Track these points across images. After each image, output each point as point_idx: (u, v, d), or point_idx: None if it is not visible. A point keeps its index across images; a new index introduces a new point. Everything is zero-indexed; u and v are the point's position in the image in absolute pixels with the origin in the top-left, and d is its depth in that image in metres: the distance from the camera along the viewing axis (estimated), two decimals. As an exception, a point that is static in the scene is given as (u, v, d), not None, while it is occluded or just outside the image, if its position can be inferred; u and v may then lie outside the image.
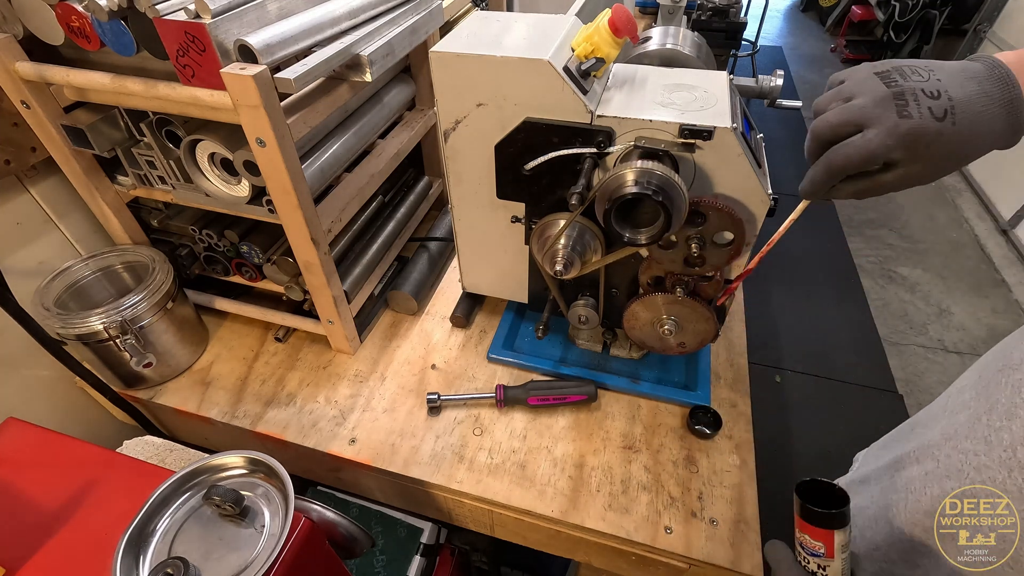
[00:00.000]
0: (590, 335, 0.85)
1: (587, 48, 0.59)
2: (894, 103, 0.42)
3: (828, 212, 2.78)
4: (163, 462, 0.64)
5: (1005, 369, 0.47)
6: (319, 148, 0.76)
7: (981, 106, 0.41)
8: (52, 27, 0.59)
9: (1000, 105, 0.41)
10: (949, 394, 0.57)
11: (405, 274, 0.94)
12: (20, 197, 0.78)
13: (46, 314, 0.72)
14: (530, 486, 0.70)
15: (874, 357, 2.07)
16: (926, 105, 0.41)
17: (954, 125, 0.40)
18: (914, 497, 0.52)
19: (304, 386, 0.83)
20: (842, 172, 0.44)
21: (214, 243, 0.81)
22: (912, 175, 0.43)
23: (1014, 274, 2.38)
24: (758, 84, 0.83)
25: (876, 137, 0.42)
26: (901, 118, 0.41)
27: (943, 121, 0.40)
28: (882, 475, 0.60)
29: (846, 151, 0.43)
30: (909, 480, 0.54)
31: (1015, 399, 0.44)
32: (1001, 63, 0.42)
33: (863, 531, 0.59)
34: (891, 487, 0.57)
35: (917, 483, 0.53)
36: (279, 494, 0.43)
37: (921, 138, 0.41)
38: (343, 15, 0.66)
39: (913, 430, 0.61)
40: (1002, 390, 0.46)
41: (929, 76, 0.42)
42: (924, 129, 0.40)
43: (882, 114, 0.42)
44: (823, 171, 0.45)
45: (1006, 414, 0.44)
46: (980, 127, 0.41)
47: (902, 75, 0.43)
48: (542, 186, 0.66)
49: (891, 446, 0.64)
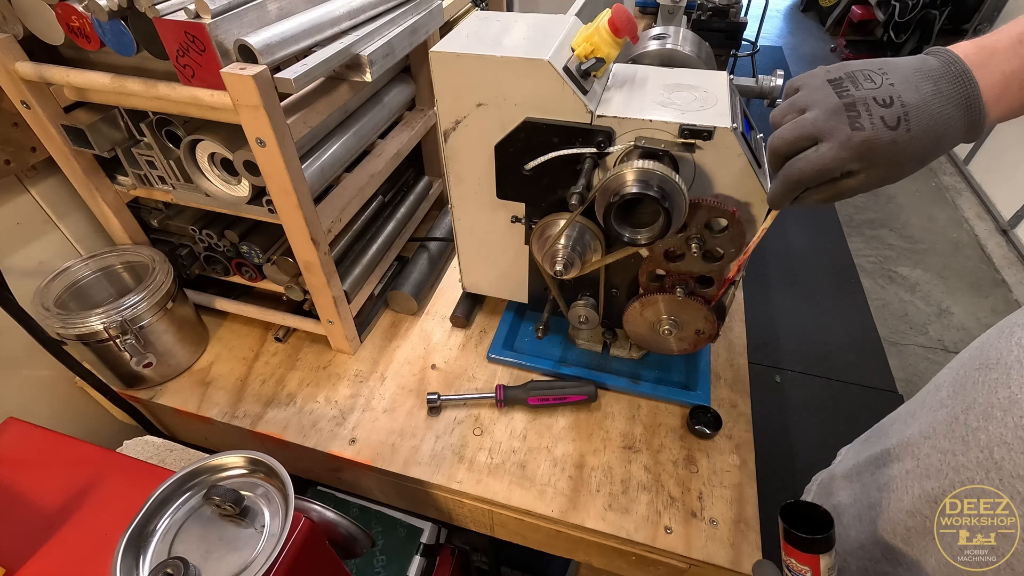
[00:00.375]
0: (590, 335, 0.85)
1: (587, 48, 0.59)
2: (846, 115, 0.42)
3: (828, 212, 2.78)
4: (163, 462, 0.64)
5: (982, 368, 0.47)
6: (319, 148, 0.76)
7: (937, 107, 0.41)
8: (52, 27, 0.59)
9: (956, 105, 0.41)
10: (927, 390, 0.57)
11: (405, 274, 0.94)
12: (20, 197, 0.78)
13: (46, 314, 0.72)
14: (530, 486, 0.70)
15: (874, 357, 2.07)
16: (878, 115, 0.41)
17: (908, 132, 0.40)
18: (896, 496, 0.53)
19: (304, 386, 0.83)
20: (800, 185, 0.45)
21: (214, 243, 0.81)
22: (873, 179, 0.43)
23: (1014, 274, 2.38)
24: (758, 84, 0.83)
25: (829, 151, 0.42)
26: (853, 130, 0.41)
27: (896, 129, 0.40)
28: (863, 471, 0.61)
29: (800, 166, 0.44)
30: (890, 478, 0.54)
31: (991, 399, 0.44)
32: (958, 58, 0.41)
33: (847, 529, 0.59)
34: (873, 484, 0.57)
35: (898, 482, 0.53)
36: (279, 494, 0.43)
37: (875, 148, 0.41)
38: (343, 15, 0.66)
39: (893, 425, 0.61)
40: (979, 390, 0.46)
41: (882, 81, 0.42)
42: (876, 139, 0.40)
43: (835, 126, 0.42)
44: (782, 184, 0.46)
45: (983, 415, 0.45)
46: (936, 129, 0.41)
47: (854, 83, 0.43)
48: (542, 186, 0.67)
49: (871, 441, 0.64)
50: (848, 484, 0.63)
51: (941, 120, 0.41)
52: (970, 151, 2.92)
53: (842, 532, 0.60)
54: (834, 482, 0.67)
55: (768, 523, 0.66)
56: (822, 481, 0.71)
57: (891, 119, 0.40)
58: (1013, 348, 0.44)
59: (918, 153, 0.41)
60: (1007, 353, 0.45)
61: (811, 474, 0.76)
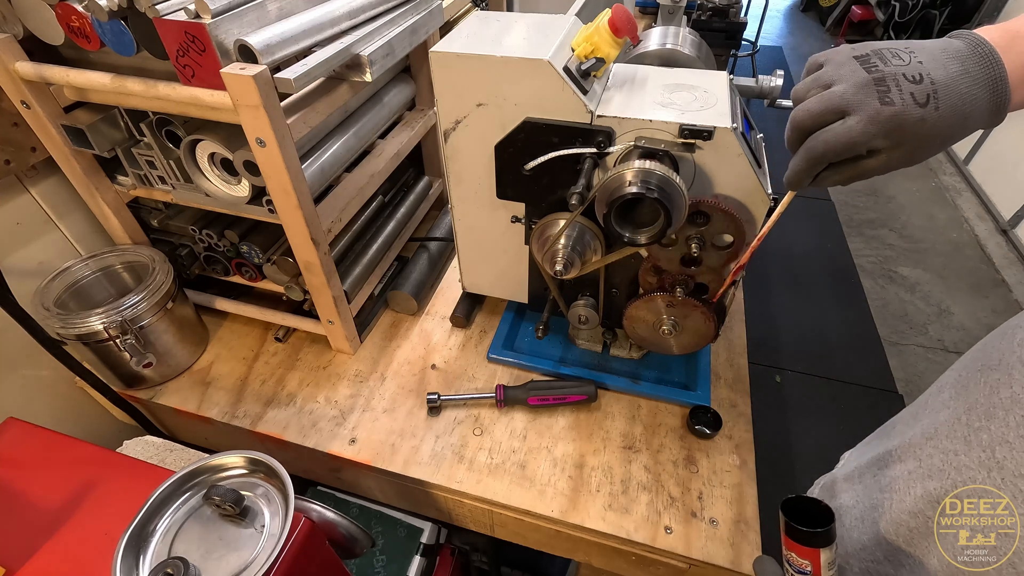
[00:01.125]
0: (590, 335, 0.85)
1: (587, 48, 0.59)
2: (875, 89, 0.40)
3: (828, 212, 2.78)
4: (163, 462, 0.64)
5: (984, 369, 0.47)
6: (319, 148, 0.76)
7: (965, 87, 0.40)
8: (52, 27, 0.59)
9: (983, 86, 0.40)
10: (930, 392, 0.57)
11: (405, 274, 0.94)
12: (20, 197, 0.78)
13: (46, 314, 0.72)
14: (530, 486, 0.70)
15: (874, 357, 2.07)
16: (908, 91, 0.40)
17: (937, 110, 0.39)
18: (898, 497, 0.53)
19: (304, 386, 0.83)
20: (823, 160, 0.43)
21: (214, 243, 0.81)
22: (895, 159, 0.42)
23: (1014, 274, 2.38)
24: (758, 84, 0.83)
25: (858, 124, 0.41)
26: (883, 105, 0.40)
27: (926, 107, 0.39)
28: (865, 472, 0.60)
29: (826, 138, 0.42)
30: (892, 479, 0.54)
31: (993, 399, 0.44)
32: (984, 40, 0.41)
33: (849, 531, 0.59)
34: (875, 485, 0.57)
35: (900, 482, 0.53)
36: (279, 494, 0.43)
37: (903, 124, 0.40)
38: (343, 15, 0.66)
39: (895, 427, 0.61)
40: (981, 390, 0.46)
41: (910, 59, 0.41)
42: (907, 115, 0.40)
43: (863, 100, 0.41)
44: (804, 159, 0.45)
45: (985, 414, 0.44)
46: (964, 109, 0.40)
47: (882, 59, 0.42)
48: (542, 186, 0.66)
49: (873, 443, 0.64)
50: (850, 486, 0.63)
51: (968, 100, 0.40)
52: (970, 151, 2.92)
53: (844, 533, 0.59)
54: (836, 484, 0.66)
55: (768, 523, 0.66)
56: (824, 484, 0.71)
57: (920, 96, 0.39)
58: (1015, 348, 0.44)
59: (944, 132, 0.40)
60: (1009, 354, 0.44)
61: (811, 474, 0.76)
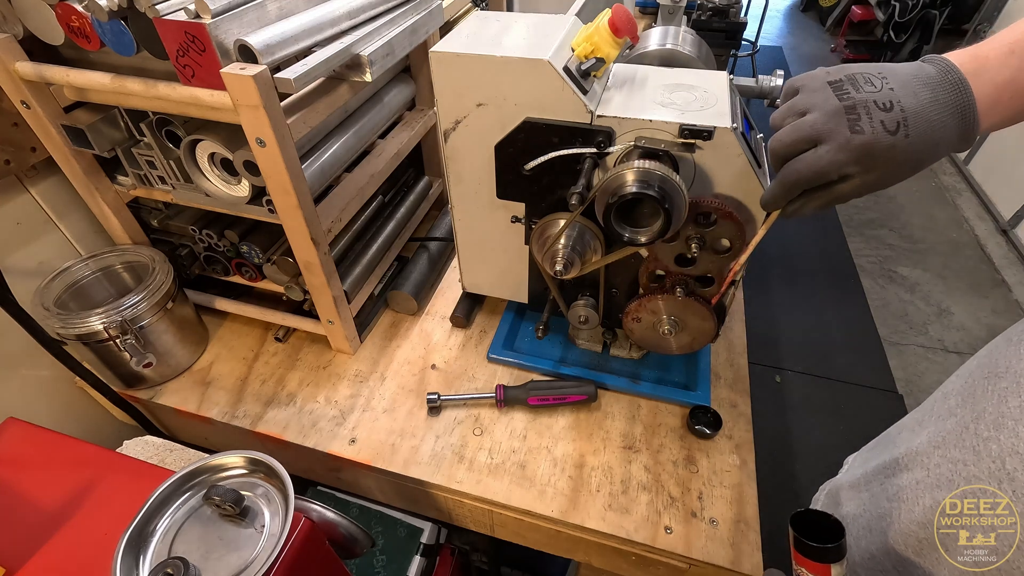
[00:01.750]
0: (590, 335, 0.85)
1: (587, 48, 0.59)
2: (846, 117, 0.42)
3: (828, 212, 2.78)
4: (163, 462, 0.64)
5: (991, 377, 0.47)
6: (319, 148, 0.76)
7: (935, 115, 0.41)
8: (52, 27, 0.59)
9: (952, 113, 0.41)
10: (935, 399, 0.57)
11: (405, 274, 0.94)
12: (20, 197, 0.78)
13: (46, 314, 0.72)
14: (530, 486, 0.70)
15: (874, 357, 2.07)
16: (879, 119, 0.41)
17: (907, 138, 0.40)
18: (907, 507, 0.52)
19: (304, 386, 0.83)
20: (796, 187, 0.45)
21: (214, 243, 0.81)
22: (869, 184, 0.43)
23: (1014, 274, 2.38)
24: (758, 84, 0.83)
25: (828, 153, 0.42)
26: (853, 133, 0.41)
27: (896, 134, 0.40)
28: (871, 480, 0.60)
29: (797, 167, 0.44)
30: (900, 488, 0.54)
31: (1001, 408, 0.44)
32: (954, 67, 0.42)
33: (857, 540, 0.59)
34: (882, 494, 0.57)
35: (908, 492, 0.53)
36: (279, 494, 0.43)
37: (873, 152, 0.41)
38: (343, 15, 0.66)
39: (900, 433, 0.61)
40: (989, 399, 0.46)
41: (882, 86, 0.42)
42: (877, 143, 0.41)
43: (834, 129, 0.42)
44: (779, 185, 0.46)
45: (993, 424, 0.44)
46: (933, 136, 0.41)
47: (855, 85, 0.43)
48: (542, 186, 0.66)
49: (879, 449, 0.64)
50: (856, 494, 0.63)
51: (938, 127, 0.41)
52: (970, 151, 2.92)
53: (852, 543, 0.59)
54: (842, 492, 0.66)
55: (768, 523, 0.66)
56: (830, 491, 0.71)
57: (891, 124, 0.41)
58: (1023, 357, 0.44)
59: (914, 158, 0.41)
60: (1017, 361, 0.44)
61: (811, 474, 0.76)
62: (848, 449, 0.78)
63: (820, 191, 0.45)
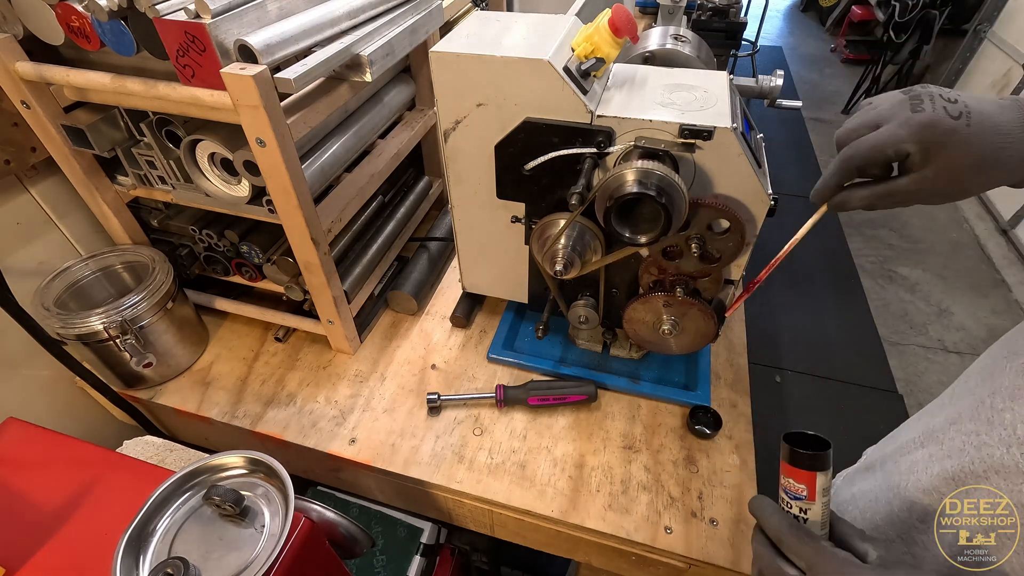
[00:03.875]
0: (590, 335, 0.85)
1: (587, 48, 0.59)
2: (909, 103, 0.43)
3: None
4: (163, 462, 0.64)
5: (1010, 356, 0.47)
6: (319, 148, 0.76)
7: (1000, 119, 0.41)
8: (52, 27, 0.59)
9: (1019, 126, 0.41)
10: (956, 383, 0.57)
11: (405, 274, 0.94)
12: (20, 197, 0.78)
13: (46, 314, 0.72)
14: (530, 486, 0.70)
15: (874, 357, 2.07)
16: (941, 104, 0.42)
17: (968, 127, 0.40)
18: (915, 477, 0.53)
19: (304, 386, 0.83)
20: (851, 164, 0.44)
21: (214, 243, 0.81)
22: (927, 180, 0.42)
23: (1014, 274, 2.38)
24: (758, 84, 0.83)
25: (887, 128, 0.42)
26: (914, 112, 0.42)
27: (958, 119, 0.41)
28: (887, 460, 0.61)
29: (857, 142, 0.44)
30: (913, 463, 0.55)
31: (1018, 381, 0.44)
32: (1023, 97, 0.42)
33: (863, 512, 0.59)
34: (895, 470, 0.58)
35: (920, 465, 0.53)
36: (279, 494, 0.43)
37: (933, 129, 0.41)
38: (343, 15, 0.66)
39: (920, 419, 0.61)
40: (1006, 375, 0.46)
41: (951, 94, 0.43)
42: (938, 121, 0.41)
43: (896, 112, 0.43)
44: (834, 166, 0.46)
45: (1009, 396, 0.45)
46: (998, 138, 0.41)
47: (924, 87, 0.44)
48: (542, 186, 0.66)
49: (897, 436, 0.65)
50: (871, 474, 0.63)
51: (1003, 133, 0.41)
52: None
53: (858, 515, 0.60)
54: (856, 475, 0.67)
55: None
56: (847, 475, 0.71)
57: (953, 111, 0.41)
58: None
59: (976, 154, 0.41)
60: None
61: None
62: (848, 449, 0.78)
63: (875, 183, 0.45)
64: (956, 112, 0.41)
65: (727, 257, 0.62)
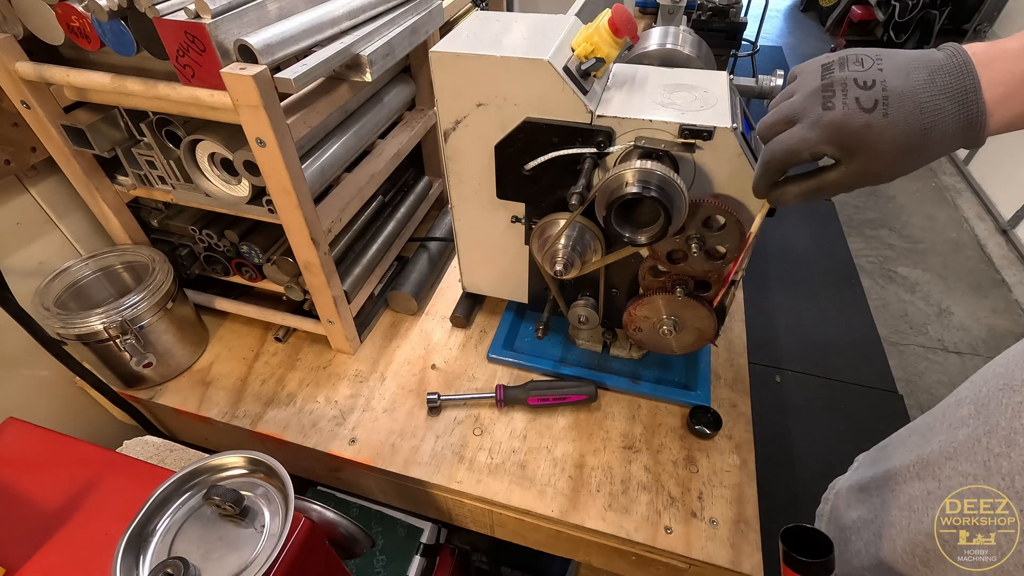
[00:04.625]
0: (590, 335, 0.85)
1: (587, 48, 0.59)
2: (821, 95, 0.40)
3: (828, 212, 2.78)
4: (163, 462, 0.64)
5: (1006, 389, 0.46)
6: (319, 148, 0.76)
7: (926, 97, 0.38)
8: (52, 27, 0.59)
9: (949, 98, 0.38)
10: (948, 404, 0.56)
11: (405, 274, 0.94)
12: (20, 197, 0.78)
13: (46, 314, 0.72)
14: (530, 486, 0.70)
15: (874, 357, 2.07)
16: (853, 95, 0.39)
17: (885, 116, 0.38)
18: (916, 517, 0.52)
19: (304, 386, 0.83)
20: (771, 166, 0.43)
21: (214, 243, 0.81)
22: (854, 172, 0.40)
23: (1014, 274, 2.38)
24: (758, 84, 0.83)
25: (798, 131, 0.41)
26: (824, 110, 0.40)
27: (871, 112, 0.38)
28: (882, 486, 0.60)
29: (772, 146, 0.43)
30: (911, 498, 0.54)
31: (1015, 424, 0.43)
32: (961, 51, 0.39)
33: (867, 545, 0.59)
34: (893, 501, 0.57)
35: (919, 503, 0.53)
36: (279, 494, 0.43)
37: (844, 129, 0.39)
38: (343, 15, 0.66)
39: (911, 437, 0.60)
40: (1002, 412, 0.45)
41: (871, 65, 0.40)
42: (846, 120, 0.39)
43: (808, 107, 0.41)
44: (759, 167, 0.45)
45: (1006, 440, 0.44)
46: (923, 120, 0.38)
47: (842, 65, 0.41)
48: (542, 186, 0.66)
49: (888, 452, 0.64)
50: (867, 497, 0.62)
51: (930, 111, 0.38)
52: (970, 151, 2.92)
53: (861, 547, 0.59)
54: (852, 494, 0.66)
55: (768, 523, 0.66)
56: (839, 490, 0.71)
57: (867, 101, 0.38)
58: None
59: (898, 141, 0.38)
60: None
61: (811, 474, 0.77)
62: (848, 449, 0.78)
63: (805, 178, 0.43)
64: (870, 102, 0.38)
65: (727, 257, 0.62)
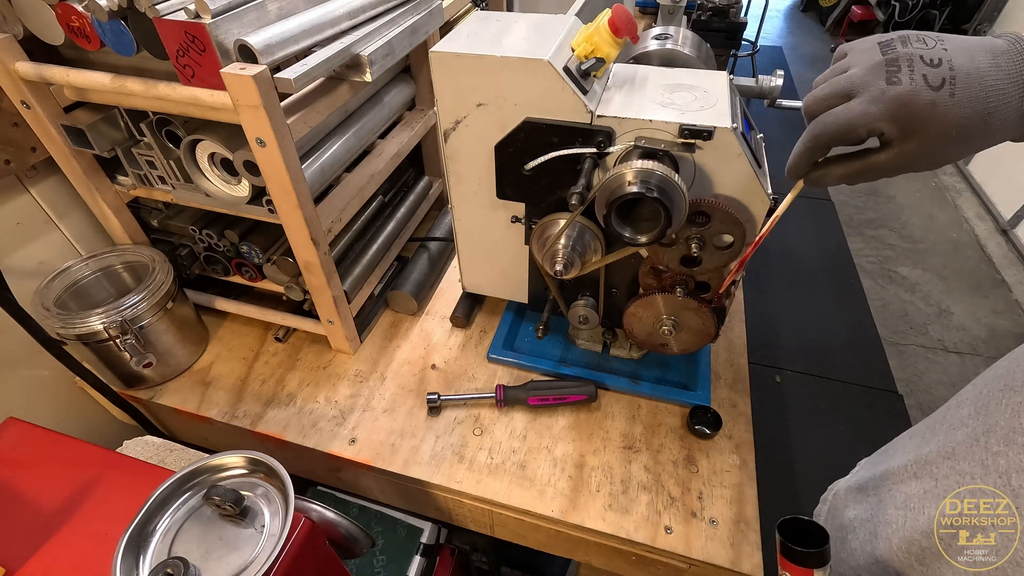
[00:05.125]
0: (590, 335, 0.85)
1: (587, 48, 0.59)
2: (885, 69, 0.38)
3: (828, 212, 2.78)
4: (163, 462, 0.64)
5: (1007, 390, 0.45)
6: (319, 148, 0.76)
7: (991, 80, 0.36)
8: (52, 27, 0.59)
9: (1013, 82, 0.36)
10: (949, 406, 0.56)
11: (405, 274, 0.94)
12: (20, 197, 0.78)
13: (46, 314, 0.72)
14: (530, 486, 0.70)
15: (874, 357, 2.07)
16: (921, 72, 0.37)
17: (952, 96, 0.36)
18: (912, 515, 0.52)
19: (304, 386, 0.83)
20: (819, 141, 0.41)
21: (214, 243, 0.81)
22: (907, 155, 0.39)
23: (1014, 274, 2.38)
24: (758, 84, 0.83)
25: (859, 104, 0.38)
26: (889, 84, 0.37)
27: (939, 90, 0.36)
28: (879, 485, 0.60)
29: (825, 119, 0.40)
30: (908, 497, 0.54)
31: (1013, 423, 0.43)
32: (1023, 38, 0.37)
33: (863, 544, 0.59)
34: (889, 500, 0.57)
35: (916, 501, 0.52)
36: (279, 494, 0.43)
37: (910, 106, 0.37)
38: (343, 15, 0.66)
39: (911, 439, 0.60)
40: (1002, 412, 0.45)
41: (935, 44, 0.38)
42: (913, 96, 0.36)
43: (870, 81, 0.38)
44: (803, 142, 0.42)
45: (1004, 439, 0.43)
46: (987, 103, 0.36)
47: (904, 42, 0.39)
48: (542, 186, 0.66)
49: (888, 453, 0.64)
50: (864, 497, 0.62)
51: (994, 94, 0.36)
52: (970, 151, 2.92)
53: (857, 546, 0.59)
54: (850, 493, 0.66)
55: (768, 523, 0.66)
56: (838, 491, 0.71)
57: (934, 79, 0.36)
58: None
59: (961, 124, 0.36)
60: None
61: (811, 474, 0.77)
62: (848, 449, 0.78)
63: (852, 158, 0.41)
64: (938, 80, 0.36)
65: (727, 257, 0.62)
